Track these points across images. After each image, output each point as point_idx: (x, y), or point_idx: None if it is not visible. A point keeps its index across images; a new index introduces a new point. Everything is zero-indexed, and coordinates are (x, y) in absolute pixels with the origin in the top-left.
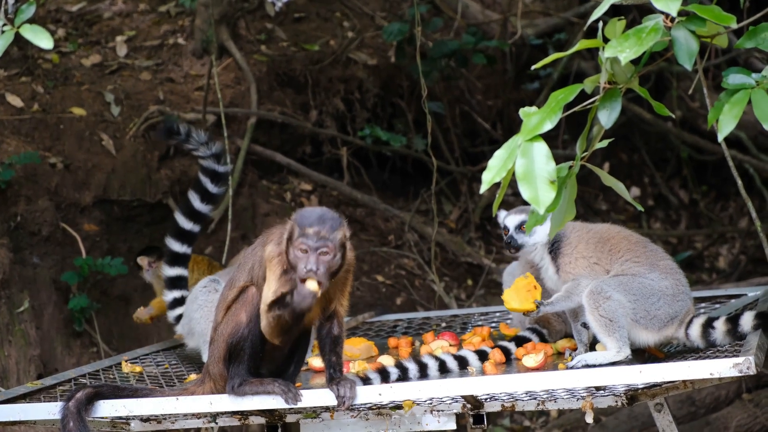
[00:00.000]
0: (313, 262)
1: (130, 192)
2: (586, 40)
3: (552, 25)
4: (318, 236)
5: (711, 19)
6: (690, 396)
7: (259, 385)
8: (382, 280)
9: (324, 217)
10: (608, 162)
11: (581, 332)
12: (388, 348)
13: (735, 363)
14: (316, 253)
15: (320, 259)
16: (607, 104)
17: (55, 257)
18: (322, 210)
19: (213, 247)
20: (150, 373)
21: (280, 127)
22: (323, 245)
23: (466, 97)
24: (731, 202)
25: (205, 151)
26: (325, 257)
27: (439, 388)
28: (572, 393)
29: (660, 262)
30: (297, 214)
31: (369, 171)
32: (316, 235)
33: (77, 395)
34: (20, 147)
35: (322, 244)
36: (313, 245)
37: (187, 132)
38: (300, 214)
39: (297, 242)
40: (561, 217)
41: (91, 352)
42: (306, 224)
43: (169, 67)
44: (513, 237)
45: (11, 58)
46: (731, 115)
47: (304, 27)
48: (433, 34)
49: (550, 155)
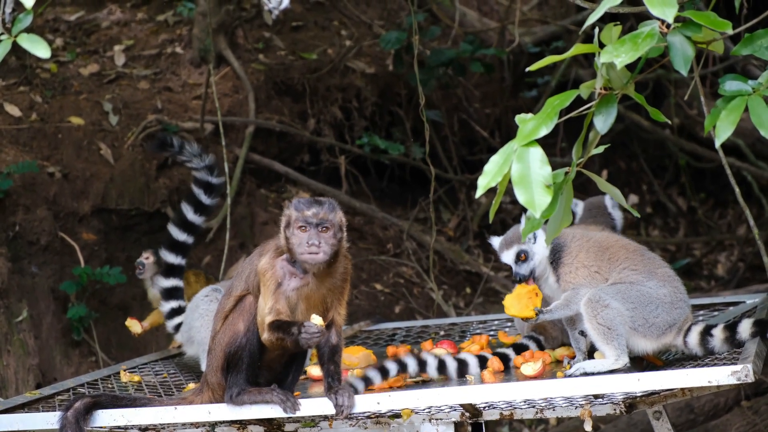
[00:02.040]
0: (314, 236)
1: (128, 201)
2: (582, 45)
3: (550, 33)
4: (317, 215)
5: (707, 25)
6: (689, 403)
7: (257, 395)
8: (381, 288)
9: (320, 200)
10: (606, 169)
11: (579, 340)
12: (387, 356)
13: (733, 371)
14: (317, 229)
15: (321, 235)
16: (603, 110)
17: (54, 266)
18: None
19: (211, 256)
20: (148, 382)
21: (278, 136)
22: (323, 223)
23: (464, 105)
24: (730, 210)
25: (199, 163)
26: (326, 234)
27: (438, 397)
28: (570, 401)
29: (658, 269)
30: (292, 202)
31: (367, 179)
32: (315, 214)
33: (76, 405)
34: (18, 156)
35: (321, 221)
36: (313, 221)
37: (180, 144)
38: (294, 200)
39: (296, 223)
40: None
41: (89, 362)
42: (303, 207)
43: (167, 76)
44: (516, 272)
45: (9, 68)
46: (728, 122)
47: (302, 36)
48: (430, 43)
49: (545, 160)
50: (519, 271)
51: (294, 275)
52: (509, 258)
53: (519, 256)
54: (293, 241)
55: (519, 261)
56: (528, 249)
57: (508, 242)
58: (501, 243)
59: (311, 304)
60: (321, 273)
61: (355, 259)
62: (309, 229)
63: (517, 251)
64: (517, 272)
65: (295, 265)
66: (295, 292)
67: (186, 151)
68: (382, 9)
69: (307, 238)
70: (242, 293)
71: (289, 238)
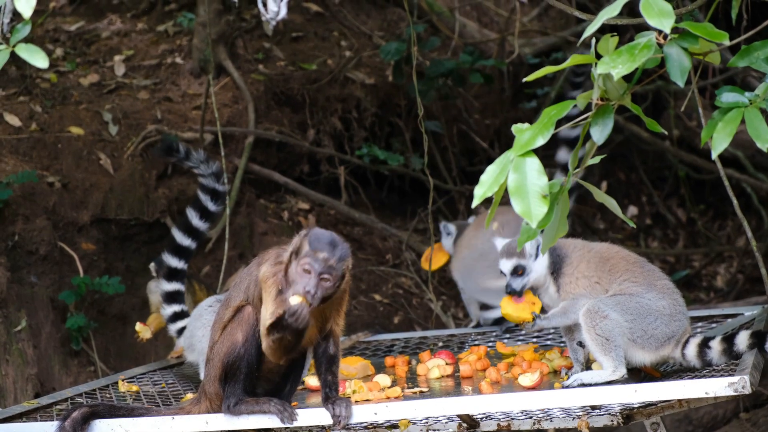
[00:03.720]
0: (313, 284)
1: (127, 211)
2: (579, 56)
3: (550, 44)
4: (326, 263)
5: (703, 36)
6: (687, 415)
7: (255, 405)
8: (380, 299)
9: (335, 244)
10: (606, 181)
11: (577, 351)
12: (385, 367)
13: (730, 382)
14: (318, 277)
15: (320, 284)
16: (600, 120)
17: (53, 276)
18: (334, 236)
19: (210, 267)
20: (147, 392)
21: (277, 146)
22: (327, 272)
23: (463, 116)
24: (729, 221)
25: (205, 170)
26: (326, 284)
27: (435, 407)
28: (568, 412)
29: (657, 282)
30: (310, 233)
31: (367, 190)
32: (324, 261)
33: (73, 415)
34: (18, 166)
35: (326, 270)
36: (318, 269)
37: (186, 150)
38: (313, 233)
39: (303, 261)
40: (553, 233)
41: (88, 371)
42: (317, 247)
43: (167, 87)
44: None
45: (9, 78)
46: (725, 134)
47: (301, 46)
48: (430, 54)
49: (542, 170)
50: (512, 284)
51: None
52: (506, 268)
53: (516, 270)
54: (293, 275)
55: (515, 274)
56: (526, 265)
57: (510, 252)
58: (503, 249)
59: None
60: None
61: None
62: (311, 274)
63: (515, 265)
64: (509, 284)
65: None
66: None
67: (192, 157)
68: (382, 20)
69: (305, 284)
70: (240, 303)
71: (292, 266)
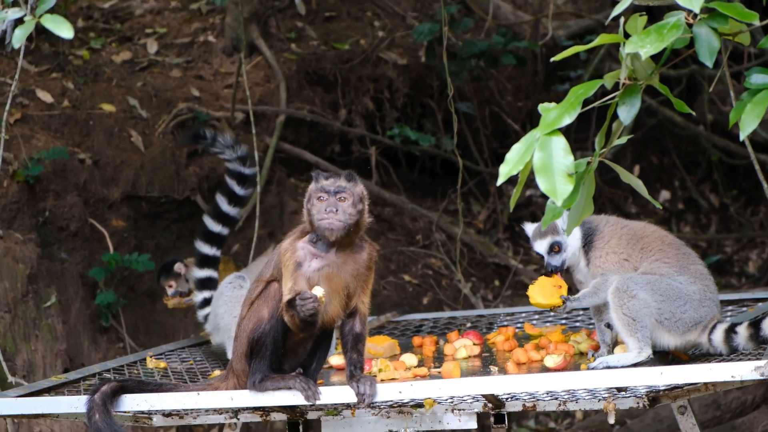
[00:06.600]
0: (333, 204)
1: (158, 188)
2: (607, 35)
3: (584, 26)
4: (334, 183)
5: (733, 16)
6: (715, 400)
7: (280, 381)
8: (409, 279)
9: (339, 173)
10: (638, 164)
11: (605, 332)
12: (413, 347)
13: (756, 366)
14: (335, 197)
15: (339, 204)
16: (627, 100)
17: (83, 253)
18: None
19: (240, 245)
20: (174, 369)
21: (308, 126)
22: (341, 191)
23: (496, 98)
24: (762, 207)
25: (231, 154)
26: (344, 204)
27: (460, 387)
28: (593, 394)
29: (691, 266)
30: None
31: (398, 170)
32: (333, 182)
33: (103, 388)
34: (49, 142)
35: (339, 189)
36: (329, 190)
37: (213, 136)
38: (314, 173)
39: (314, 195)
40: (579, 213)
41: (117, 348)
42: (321, 177)
43: (199, 65)
44: (548, 262)
45: (42, 54)
46: (753, 115)
47: (334, 26)
48: (464, 35)
49: (568, 149)
50: (551, 261)
51: (315, 256)
52: (542, 248)
53: (552, 247)
54: (313, 212)
55: (552, 252)
56: (562, 241)
57: (543, 232)
58: (535, 231)
59: (333, 288)
60: (343, 254)
61: (384, 249)
62: (327, 198)
63: (551, 242)
64: (549, 263)
65: (317, 245)
66: (316, 273)
67: (218, 143)
68: (416, 0)
69: (325, 207)
70: (269, 279)
71: (310, 210)
